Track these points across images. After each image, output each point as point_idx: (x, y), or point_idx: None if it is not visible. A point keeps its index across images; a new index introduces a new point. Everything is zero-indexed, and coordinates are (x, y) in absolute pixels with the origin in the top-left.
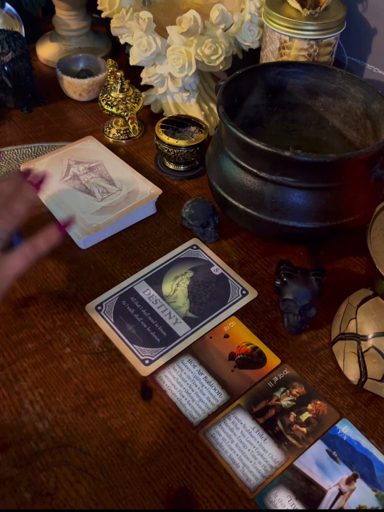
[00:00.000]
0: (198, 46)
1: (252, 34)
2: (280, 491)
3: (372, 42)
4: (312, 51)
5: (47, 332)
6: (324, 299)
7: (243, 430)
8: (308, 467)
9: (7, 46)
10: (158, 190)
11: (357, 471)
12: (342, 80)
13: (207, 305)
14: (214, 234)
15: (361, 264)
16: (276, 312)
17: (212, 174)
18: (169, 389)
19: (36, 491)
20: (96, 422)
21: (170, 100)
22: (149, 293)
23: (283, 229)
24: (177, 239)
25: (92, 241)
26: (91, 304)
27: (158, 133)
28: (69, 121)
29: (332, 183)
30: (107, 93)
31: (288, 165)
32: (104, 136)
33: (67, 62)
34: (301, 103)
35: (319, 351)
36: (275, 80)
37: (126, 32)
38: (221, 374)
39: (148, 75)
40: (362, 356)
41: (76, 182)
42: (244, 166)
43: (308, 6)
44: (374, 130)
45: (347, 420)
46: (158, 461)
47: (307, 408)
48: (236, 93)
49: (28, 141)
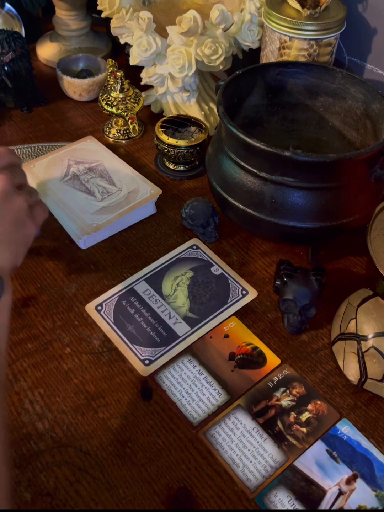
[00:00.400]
0: (198, 46)
1: (252, 34)
2: (280, 491)
3: (372, 42)
4: (312, 51)
5: (47, 332)
6: (324, 299)
7: (243, 430)
8: (308, 467)
9: (7, 46)
10: (158, 190)
11: (357, 471)
12: (342, 80)
13: (207, 305)
14: (214, 234)
15: (361, 264)
16: (276, 312)
17: (212, 174)
18: (169, 389)
19: (36, 491)
20: (96, 422)
21: (170, 100)
22: (149, 293)
23: (283, 229)
24: (177, 239)
25: (92, 241)
26: (91, 304)
27: (158, 133)
28: (69, 121)
29: (332, 183)
30: (107, 93)
31: (288, 165)
32: (104, 136)
33: (67, 62)
34: (301, 103)
35: (319, 351)
36: (275, 80)
37: (126, 32)
38: (221, 374)
39: (148, 75)
40: (362, 356)
41: (76, 182)
42: (244, 166)
43: (308, 6)
44: (374, 130)
45: (347, 420)
46: (158, 461)
47: (307, 408)
48: (236, 93)
49: (28, 141)
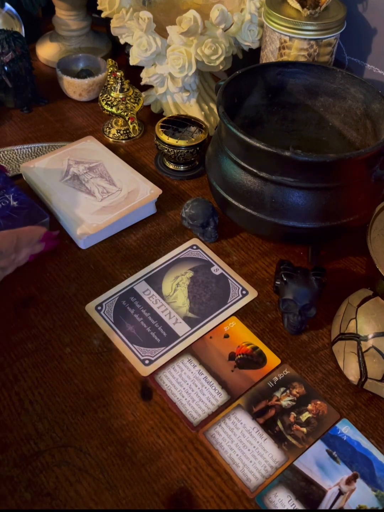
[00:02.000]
0: (198, 46)
1: (252, 34)
2: (280, 491)
3: (372, 42)
4: (312, 51)
5: (47, 332)
6: (324, 299)
7: (243, 430)
8: (308, 467)
9: (7, 46)
10: (158, 190)
11: (357, 471)
12: (342, 80)
13: (207, 305)
14: (214, 234)
15: (361, 264)
16: (276, 312)
17: (212, 174)
18: (169, 389)
19: (36, 491)
20: (96, 422)
21: (170, 100)
22: (149, 293)
23: (283, 229)
24: (177, 239)
25: (92, 241)
26: (91, 304)
27: (158, 133)
28: (69, 121)
29: (332, 183)
30: (107, 93)
31: (288, 165)
32: (104, 136)
33: (67, 62)
34: (301, 103)
35: (319, 351)
36: (275, 80)
37: (126, 32)
38: (221, 374)
39: (148, 75)
40: (362, 356)
41: (76, 182)
42: (244, 166)
43: (308, 6)
44: (374, 130)
45: (347, 420)
46: (158, 461)
47: (307, 408)
48: (236, 93)
49: (28, 141)
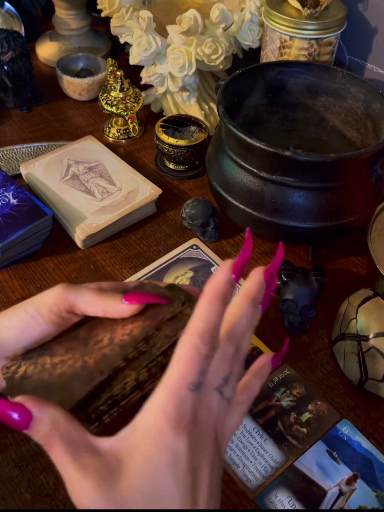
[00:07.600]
0: (198, 46)
1: (252, 34)
2: (280, 492)
3: (372, 41)
4: (313, 50)
5: None
6: (324, 299)
7: (243, 431)
8: (308, 467)
9: (7, 46)
10: (158, 190)
11: (358, 471)
12: (342, 80)
13: None
14: (214, 234)
15: (361, 264)
16: (276, 312)
17: (212, 174)
18: None
19: (36, 491)
20: None
21: (170, 100)
22: None
23: (283, 229)
24: (177, 239)
25: (92, 241)
26: None
27: (158, 132)
28: (69, 120)
29: (332, 183)
30: (107, 92)
31: (288, 165)
32: (104, 136)
33: (67, 61)
34: (301, 102)
35: (320, 352)
36: (275, 79)
37: (126, 31)
38: None
39: (148, 74)
40: (362, 357)
41: (75, 182)
42: (244, 166)
43: (309, 6)
44: (374, 130)
45: (347, 420)
46: None
47: (307, 409)
48: (236, 92)
49: (28, 140)
